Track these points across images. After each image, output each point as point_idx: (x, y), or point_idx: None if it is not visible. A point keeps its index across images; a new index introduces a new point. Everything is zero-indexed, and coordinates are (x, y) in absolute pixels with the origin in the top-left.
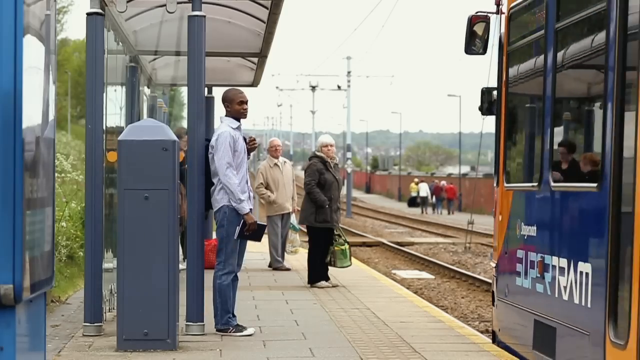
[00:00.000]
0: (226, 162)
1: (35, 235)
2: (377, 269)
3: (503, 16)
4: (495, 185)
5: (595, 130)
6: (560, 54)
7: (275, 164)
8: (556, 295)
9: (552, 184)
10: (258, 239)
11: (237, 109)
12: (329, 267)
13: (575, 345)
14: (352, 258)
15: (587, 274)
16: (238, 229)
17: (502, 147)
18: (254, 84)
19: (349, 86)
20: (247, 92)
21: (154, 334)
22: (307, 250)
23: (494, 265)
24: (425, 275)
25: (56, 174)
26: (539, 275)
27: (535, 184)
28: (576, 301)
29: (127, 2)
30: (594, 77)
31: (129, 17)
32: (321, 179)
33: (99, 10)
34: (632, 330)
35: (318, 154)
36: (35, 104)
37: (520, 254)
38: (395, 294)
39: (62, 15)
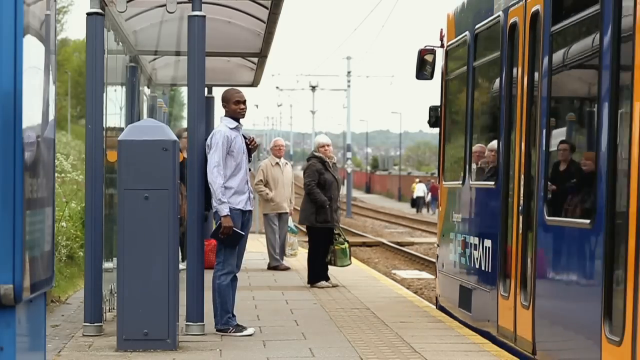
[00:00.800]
0: (215, 160)
1: (35, 235)
2: (377, 269)
3: (443, 50)
4: (438, 182)
5: (494, 144)
6: (476, 86)
7: (277, 163)
8: (472, 265)
9: (470, 182)
10: (232, 245)
11: (233, 108)
12: (329, 267)
13: (482, 301)
14: (352, 258)
15: (488, 247)
16: (214, 229)
17: (442, 153)
18: (254, 84)
19: (349, 86)
20: (247, 92)
21: (154, 334)
22: (306, 251)
23: (436, 245)
24: (425, 275)
25: (56, 174)
26: (462, 251)
27: (460, 182)
28: (483, 268)
29: (127, 2)
30: (495, 106)
31: (129, 17)
32: (321, 179)
33: (99, 10)
34: (511, 286)
35: (316, 154)
36: (35, 104)
37: (451, 235)
38: (395, 294)
39: (62, 15)
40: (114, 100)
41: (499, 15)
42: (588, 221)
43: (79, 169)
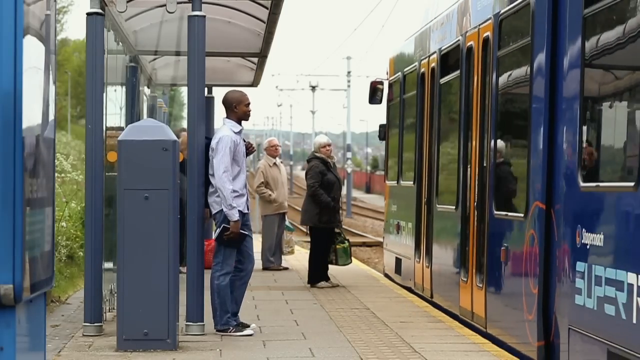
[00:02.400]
0: (224, 166)
1: (35, 235)
2: (377, 269)
3: (387, 83)
4: (384, 181)
5: (413, 154)
6: (404, 112)
7: (274, 163)
8: (402, 242)
9: (401, 182)
10: (234, 246)
11: (244, 110)
12: (329, 267)
13: (406, 266)
14: (352, 257)
15: (410, 228)
16: (218, 230)
17: (387, 160)
18: (254, 84)
19: (349, 86)
20: (247, 92)
21: (154, 334)
22: (304, 250)
23: (384, 229)
24: None
25: (56, 174)
26: (397, 232)
27: (395, 181)
28: (407, 243)
29: (127, 2)
30: (413, 128)
31: (129, 17)
32: (324, 180)
33: (99, 10)
34: (420, 254)
35: (318, 155)
36: (35, 104)
37: (391, 221)
38: (395, 294)
39: (62, 15)
40: (114, 100)
41: (416, 65)
42: (454, 207)
43: (79, 169)
